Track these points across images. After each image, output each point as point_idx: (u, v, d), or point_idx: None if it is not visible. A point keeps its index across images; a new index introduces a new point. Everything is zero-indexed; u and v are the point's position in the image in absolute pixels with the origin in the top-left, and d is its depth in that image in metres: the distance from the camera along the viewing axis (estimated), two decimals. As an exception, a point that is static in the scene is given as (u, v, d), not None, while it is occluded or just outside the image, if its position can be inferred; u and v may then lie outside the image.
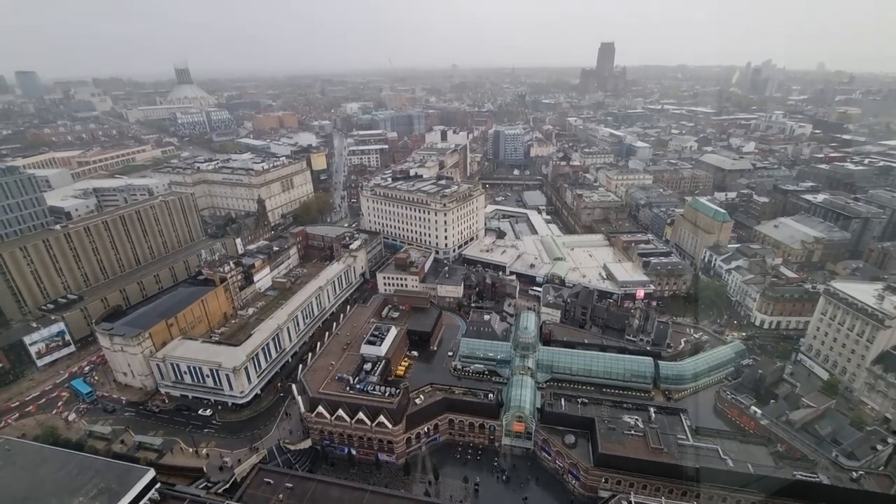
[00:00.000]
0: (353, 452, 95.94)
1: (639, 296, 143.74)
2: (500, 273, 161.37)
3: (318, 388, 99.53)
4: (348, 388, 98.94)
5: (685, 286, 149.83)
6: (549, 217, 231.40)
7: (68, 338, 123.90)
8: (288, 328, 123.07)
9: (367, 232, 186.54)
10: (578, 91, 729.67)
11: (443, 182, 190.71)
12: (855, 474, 78.32)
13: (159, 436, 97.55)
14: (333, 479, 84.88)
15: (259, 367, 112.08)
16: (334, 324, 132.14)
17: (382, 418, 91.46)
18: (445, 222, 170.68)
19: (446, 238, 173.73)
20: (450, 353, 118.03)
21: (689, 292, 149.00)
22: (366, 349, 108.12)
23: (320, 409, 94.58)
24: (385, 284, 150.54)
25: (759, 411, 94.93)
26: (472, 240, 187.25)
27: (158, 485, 78.55)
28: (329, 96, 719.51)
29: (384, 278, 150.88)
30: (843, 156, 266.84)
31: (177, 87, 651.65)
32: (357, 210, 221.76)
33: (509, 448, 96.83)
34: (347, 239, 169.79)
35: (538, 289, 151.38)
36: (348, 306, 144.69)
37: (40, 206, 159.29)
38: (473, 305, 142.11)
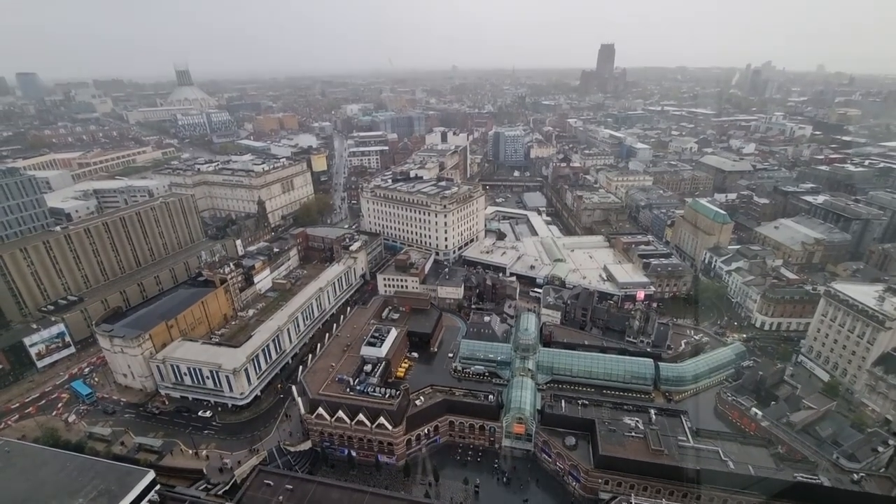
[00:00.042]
0: (354, 454, 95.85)
1: (639, 297, 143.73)
2: (501, 274, 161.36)
3: (318, 390, 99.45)
4: (348, 390, 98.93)
5: (685, 288, 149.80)
6: (549, 218, 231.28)
7: (68, 339, 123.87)
8: (288, 329, 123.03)
9: (367, 233, 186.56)
10: (578, 92, 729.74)
11: (443, 183, 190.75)
12: (856, 476, 78.17)
13: (159, 437, 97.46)
14: (333, 480, 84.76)
15: (259, 368, 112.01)
16: (334, 325, 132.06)
17: (382, 420, 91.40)
18: (446, 224, 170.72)
19: (446, 239, 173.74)
20: (450, 355, 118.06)
21: (689, 294, 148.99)
22: (366, 351, 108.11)
23: (320, 410, 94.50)
24: (385, 286, 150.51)
25: (759, 413, 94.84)
26: (472, 241, 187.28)
27: (158, 486, 78.59)
28: (329, 98, 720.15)
29: (384, 280, 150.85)
30: (844, 157, 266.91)
31: (177, 88, 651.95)
32: (357, 211, 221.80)
33: (510, 450, 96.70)
34: (348, 240, 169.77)
35: (538, 290, 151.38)
36: (348, 308, 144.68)
37: (41, 207, 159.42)
38: (474, 307, 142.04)
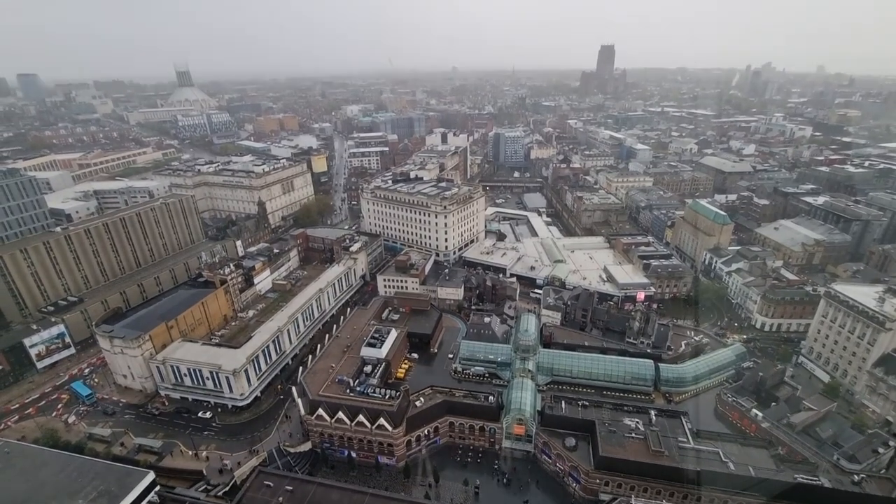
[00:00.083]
0: (353, 455, 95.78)
1: (639, 298, 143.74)
2: (501, 275, 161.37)
3: (318, 391, 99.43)
4: (348, 391, 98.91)
5: (685, 289, 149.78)
6: (549, 219, 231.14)
7: (68, 340, 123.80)
8: (288, 330, 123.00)
9: (367, 234, 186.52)
10: (578, 93, 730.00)
11: (443, 184, 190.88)
12: (856, 477, 78.13)
13: (159, 438, 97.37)
14: (333, 481, 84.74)
15: (259, 369, 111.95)
16: (334, 326, 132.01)
17: (382, 421, 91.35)
18: (446, 224, 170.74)
19: (447, 240, 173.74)
20: (450, 356, 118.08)
21: (689, 295, 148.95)
22: (366, 351, 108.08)
23: (320, 411, 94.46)
24: (385, 287, 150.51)
25: (759, 414, 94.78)
26: (472, 242, 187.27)
27: (158, 487, 78.68)
28: (329, 99, 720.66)
29: (384, 280, 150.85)
30: (844, 158, 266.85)
31: (178, 89, 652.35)
32: (357, 212, 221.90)
33: (510, 451, 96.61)
34: (348, 241, 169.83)
35: (538, 291, 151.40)
36: (348, 308, 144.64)
37: (41, 208, 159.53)
38: (474, 308, 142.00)
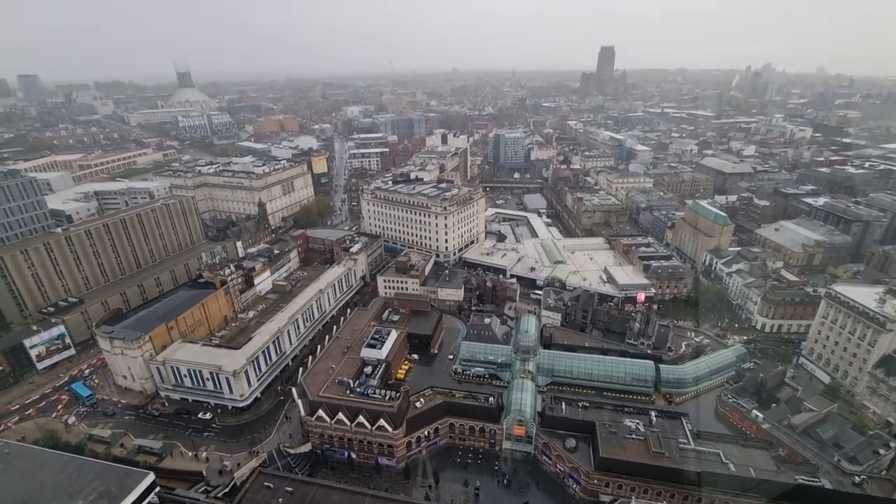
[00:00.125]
0: (353, 456, 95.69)
1: (639, 299, 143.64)
2: (501, 276, 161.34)
3: (318, 392, 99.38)
4: (348, 392, 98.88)
5: (686, 290, 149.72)
6: (549, 220, 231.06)
7: (68, 341, 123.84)
8: (288, 331, 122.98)
9: (367, 235, 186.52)
10: (579, 94, 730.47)
11: (443, 185, 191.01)
12: (857, 479, 77.92)
13: (159, 439, 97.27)
14: (333, 483, 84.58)
15: (259, 370, 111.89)
16: (335, 327, 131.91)
17: (383, 422, 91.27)
18: (446, 225, 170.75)
19: (447, 241, 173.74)
20: (450, 357, 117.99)
21: (689, 296, 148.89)
22: (366, 352, 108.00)
23: (320, 412, 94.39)
24: (385, 288, 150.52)
25: (760, 415, 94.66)
26: (472, 243, 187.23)
27: (158, 489, 78.55)
28: (330, 100, 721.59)
29: (384, 281, 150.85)
30: (844, 159, 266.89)
31: (178, 90, 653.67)
32: (357, 213, 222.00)
33: (510, 452, 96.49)
34: (348, 242, 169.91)
35: (539, 292, 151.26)
36: (349, 309, 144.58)
37: (41, 209, 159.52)
38: (474, 309, 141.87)
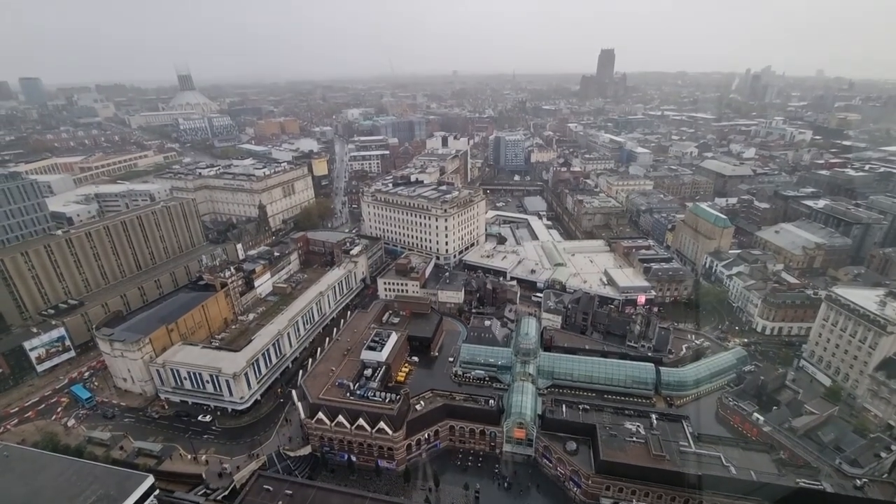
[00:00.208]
0: (353, 459, 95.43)
1: (640, 302, 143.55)
2: (501, 279, 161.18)
3: (318, 394, 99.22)
4: (348, 394, 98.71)
5: (686, 292, 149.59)
6: (549, 223, 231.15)
7: (68, 343, 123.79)
8: (288, 333, 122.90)
9: (367, 237, 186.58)
10: (579, 97, 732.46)
11: (443, 188, 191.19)
12: (859, 482, 77.67)
13: (158, 442, 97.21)
14: (333, 485, 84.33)
15: (259, 372, 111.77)
16: (335, 329, 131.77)
17: (383, 424, 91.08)
18: (446, 228, 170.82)
19: (447, 243, 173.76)
20: (450, 359, 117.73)
21: (690, 298, 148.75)
22: (366, 355, 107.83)
23: (320, 415, 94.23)
24: (386, 290, 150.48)
25: (761, 418, 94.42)
26: (472, 245, 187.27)
27: (157, 491, 78.29)
28: (330, 102, 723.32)
29: (385, 284, 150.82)
30: (844, 162, 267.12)
31: (179, 93, 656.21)
32: (358, 215, 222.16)
33: (510, 455, 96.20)
34: (348, 244, 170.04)
35: (539, 294, 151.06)
36: (349, 312, 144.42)
37: (42, 211, 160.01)
38: (474, 311, 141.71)
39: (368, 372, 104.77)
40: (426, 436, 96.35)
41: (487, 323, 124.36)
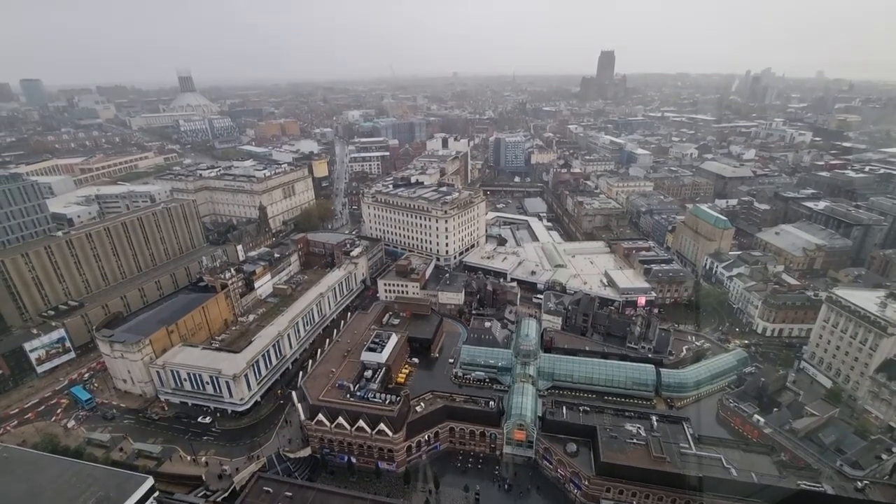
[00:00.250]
0: (353, 461, 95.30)
1: (640, 303, 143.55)
2: (502, 280, 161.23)
3: (318, 396, 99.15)
4: (349, 396, 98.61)
5: (687, 293, 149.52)
6: (550, 224, 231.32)
7: (68, 344, 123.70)
8: (288, 335, 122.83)
9: (368, 239, 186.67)
10: (579, 99, 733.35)
11: (444, 189, 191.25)
12: (860, 484, 77.58)
13: (158, 443, 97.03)
14: (333, 487, 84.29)
15: (259, 374, 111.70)
16: (335, 331, 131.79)
17: (383, 426, 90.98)
18: (446, 229, 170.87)
19: (447, 245, 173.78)
20: (451, 361, 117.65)
21: (690, 300, 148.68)
22: (366, 356, 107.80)
23: (320, 416, 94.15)
24: (386, 291, 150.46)
25: (762, 420, 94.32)
26: (473, 247, 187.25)
27: (157, 493, 78.04)
28: (331, 104, 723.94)
29: (385, 285, 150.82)
30: (844, 163, 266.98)
31: (180, 94, 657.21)
32: (358, 217, 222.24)
33: (510, 457, 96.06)
34: (348, 246, 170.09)
35: (539, 296, 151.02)
36: (349, 313, 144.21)
37: (43, 212, 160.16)
38: (474, 312, 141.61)
39: (368, 373, 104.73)
40: (426, 437, 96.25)
41: (488, 324, 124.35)
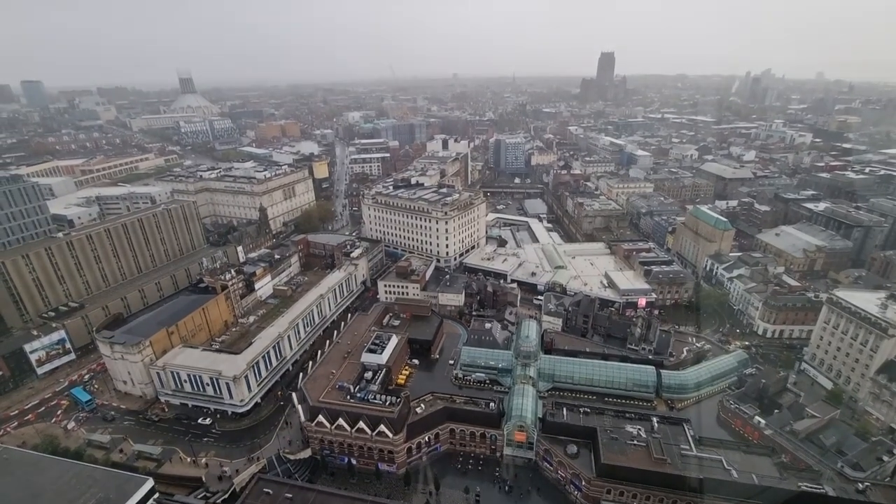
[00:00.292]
0: (354, 462, 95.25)
1: (640, 304, 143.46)
2: (502, 281, 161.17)
3: (318, 397, 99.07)
4: (349, 397, 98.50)
5: (687, 295, 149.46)
6: (550, 225, 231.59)
7: (69, 346, 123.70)
8: (289, 336, 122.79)
9: (368, 240, 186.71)
10: (579, 100, 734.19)
11: (444, 190, 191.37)
12: (861, 485, 77.46)
13: (158, 445, 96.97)
14: (333, 489, 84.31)
15: (259, 375, 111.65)
16: (335, 332, 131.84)
17: (383, 427, 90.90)
18: (447, 230, 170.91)
19: (447, 246, 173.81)
20: (451, 362, 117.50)
21: (690, 301, 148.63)
22: (366, 357, 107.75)
23: (320, 418, 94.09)
24: (386, 292, 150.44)
25: (762, 421, 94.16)
26: (473, 248, 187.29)
27: (157, 494, 78.04)
28: (331, 105, 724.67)
29: (385, 286, 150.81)
30: (844, 164, 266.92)
31: (180, 96, 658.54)
32: (358, 218, 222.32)
33: (511, 458, 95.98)
34: (349, 247, 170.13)
35: (540, 297, 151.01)
36: (349, 314, 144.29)
37: (43, 214, 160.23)
38: (475, 314, 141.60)
39: (369, 375, 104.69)
40: (426, 439, 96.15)
41: (488, 325, 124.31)
